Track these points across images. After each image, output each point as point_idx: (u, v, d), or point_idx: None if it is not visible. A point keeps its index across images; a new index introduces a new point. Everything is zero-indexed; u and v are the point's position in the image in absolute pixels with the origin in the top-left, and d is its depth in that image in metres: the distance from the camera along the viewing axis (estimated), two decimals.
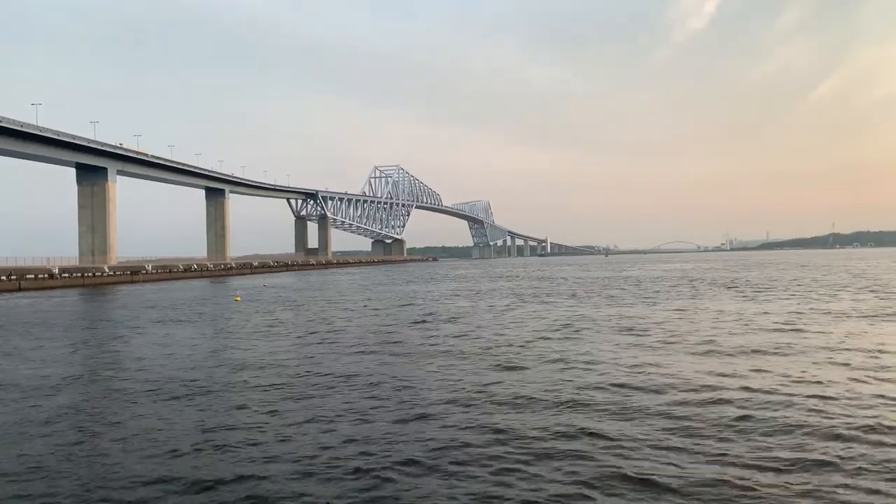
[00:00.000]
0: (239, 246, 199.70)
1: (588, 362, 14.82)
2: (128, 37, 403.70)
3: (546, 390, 11.83)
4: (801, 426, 9.12)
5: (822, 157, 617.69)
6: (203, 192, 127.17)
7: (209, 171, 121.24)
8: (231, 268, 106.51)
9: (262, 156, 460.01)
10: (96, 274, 70.78)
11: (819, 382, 12.02)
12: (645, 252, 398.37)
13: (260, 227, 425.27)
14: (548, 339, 19.27)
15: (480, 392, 11.86)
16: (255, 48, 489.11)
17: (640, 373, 13.35)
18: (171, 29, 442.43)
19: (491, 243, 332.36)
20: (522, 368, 14.28)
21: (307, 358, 16.61)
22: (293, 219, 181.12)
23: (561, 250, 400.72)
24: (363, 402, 11.35)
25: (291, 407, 11.10)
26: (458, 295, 42.64)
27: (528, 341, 18.72)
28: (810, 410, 10.00)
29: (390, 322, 25.66)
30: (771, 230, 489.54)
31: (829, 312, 25.20)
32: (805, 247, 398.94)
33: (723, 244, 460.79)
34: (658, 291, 40.65)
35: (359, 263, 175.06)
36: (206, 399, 11.84)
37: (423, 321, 25.60)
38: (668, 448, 8.28)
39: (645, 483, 7.09)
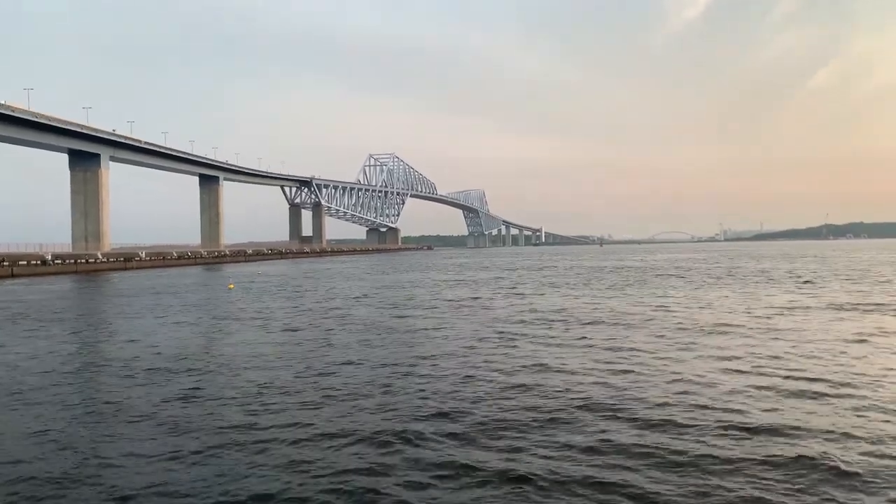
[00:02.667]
0: (233, 233, 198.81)
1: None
2: (127, 27, 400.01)
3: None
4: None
5: (818, 147, 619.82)
6: (197, 179, 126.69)
7: (203, 157, 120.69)
8: (225, 255, 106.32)
9: (257, 144, 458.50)
10: (89, 261, 70.57)
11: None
12: (640, 242, 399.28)
13: (254, 215, 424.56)
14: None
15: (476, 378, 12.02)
16: (252, 37, 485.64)
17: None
18: (168, 19, 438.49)
19: (486, 233, 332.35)
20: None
21: (299, 347, 16.72)
22: (287, 206, 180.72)
23: (556, 240, 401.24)
24: (356, 390, 11.48)
25: (285, 397, 11.21)
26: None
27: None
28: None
29: (386, 311, 25.78)
30: (765, 221, 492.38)
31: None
32: (799, 238, 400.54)
33: (717, 235, 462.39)
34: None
35: (353, 252, 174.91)
36: (196, 391, 11.91)
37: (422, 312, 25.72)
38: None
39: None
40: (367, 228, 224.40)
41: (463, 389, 11.16)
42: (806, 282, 37.35)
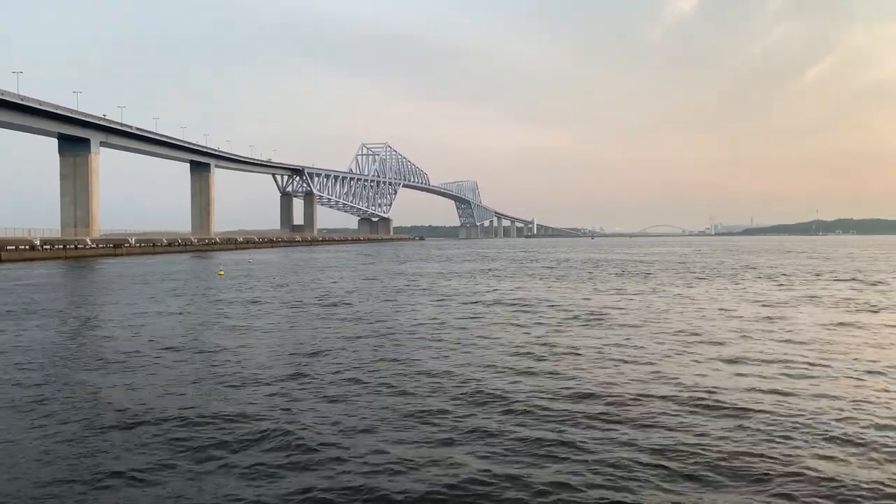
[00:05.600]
0: (224, 221, 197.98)
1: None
2: (120, 13, 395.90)
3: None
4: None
5: (810, 142, 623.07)
6: (188, 165, 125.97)
7: (194, 144, 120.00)
8: (215, 242, 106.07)
9: (249, 133, 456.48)
10: (78, 246, 70.24)
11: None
12: (631, 235, 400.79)
13: (245, 203, 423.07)
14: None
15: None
16: (245, 24, 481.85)
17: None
18: (161, 6, 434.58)
19: (478, 224, 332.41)
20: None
21: (290, 332, 16.92)
22: (279, 195, 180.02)
23: (548, 232, 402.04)
24: (349, 377, 11.71)
25: (279, 385, 11.41)
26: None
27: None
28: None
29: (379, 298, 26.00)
30: (755, 216, 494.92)
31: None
32: (788, 233, 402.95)
33: (707, 229, 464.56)
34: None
35: (344, 241, 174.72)
36: (186, 379, 12.08)
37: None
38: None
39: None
40: (358, 218, 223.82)
41: (450, 382, 11.44)
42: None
